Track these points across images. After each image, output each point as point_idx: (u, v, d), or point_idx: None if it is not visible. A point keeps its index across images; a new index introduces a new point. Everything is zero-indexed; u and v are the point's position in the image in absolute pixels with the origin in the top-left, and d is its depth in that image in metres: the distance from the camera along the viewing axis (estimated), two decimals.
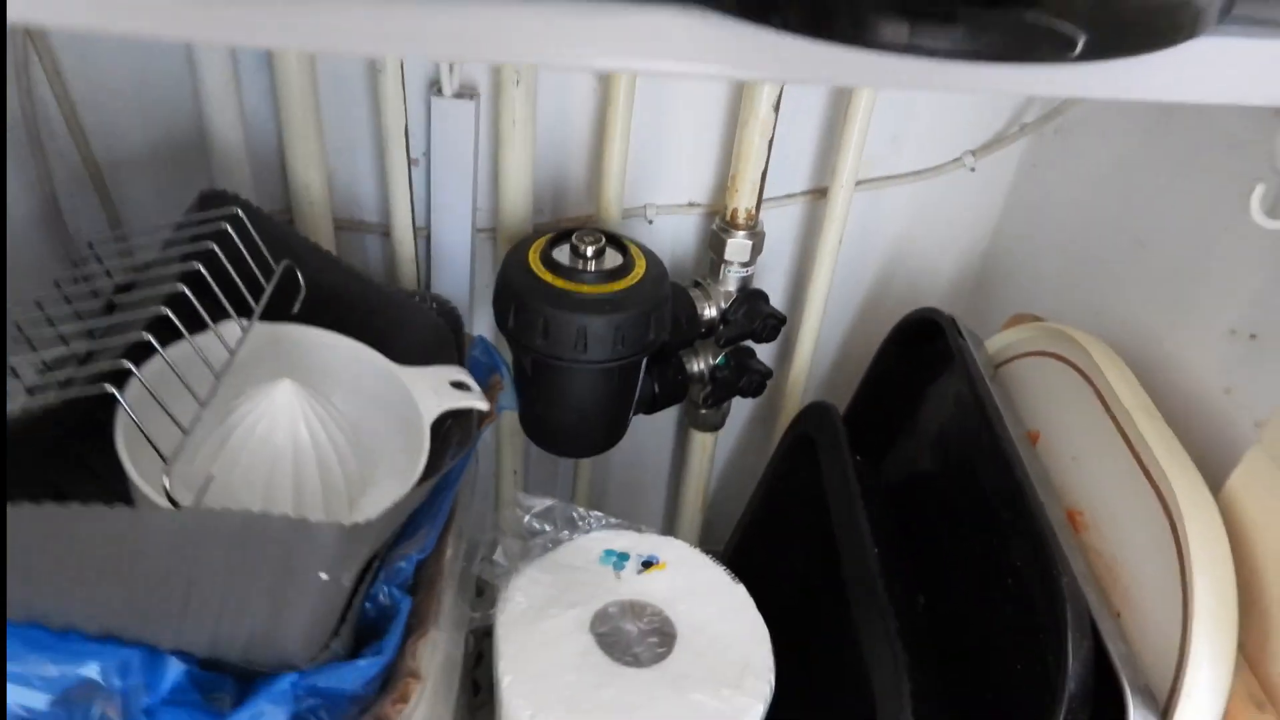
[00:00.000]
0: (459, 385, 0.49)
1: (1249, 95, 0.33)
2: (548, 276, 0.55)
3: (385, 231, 0.67)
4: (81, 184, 0.62)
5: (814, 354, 0.73)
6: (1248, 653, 0.41)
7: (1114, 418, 0.49)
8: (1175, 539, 0.43)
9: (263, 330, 0.47)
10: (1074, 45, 0.26)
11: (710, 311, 0.67)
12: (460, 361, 0.54)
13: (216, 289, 0.44)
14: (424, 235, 0.67)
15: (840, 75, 0.31)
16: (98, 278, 0.47)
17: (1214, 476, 0.44)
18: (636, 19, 0.30)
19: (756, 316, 0.67)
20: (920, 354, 0.63)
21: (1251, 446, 0.43)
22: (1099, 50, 0.27)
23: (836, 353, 0.78)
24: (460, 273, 0.67)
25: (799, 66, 0.30)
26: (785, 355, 0.74)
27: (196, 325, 0.43)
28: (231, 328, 0.46)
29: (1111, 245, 0.60)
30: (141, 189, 0.63)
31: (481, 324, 0.72)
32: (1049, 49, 0.27)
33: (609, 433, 0.64)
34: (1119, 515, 0.47)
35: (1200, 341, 0.50)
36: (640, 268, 0.58)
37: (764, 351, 0.72)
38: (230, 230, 0.47)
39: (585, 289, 0.55)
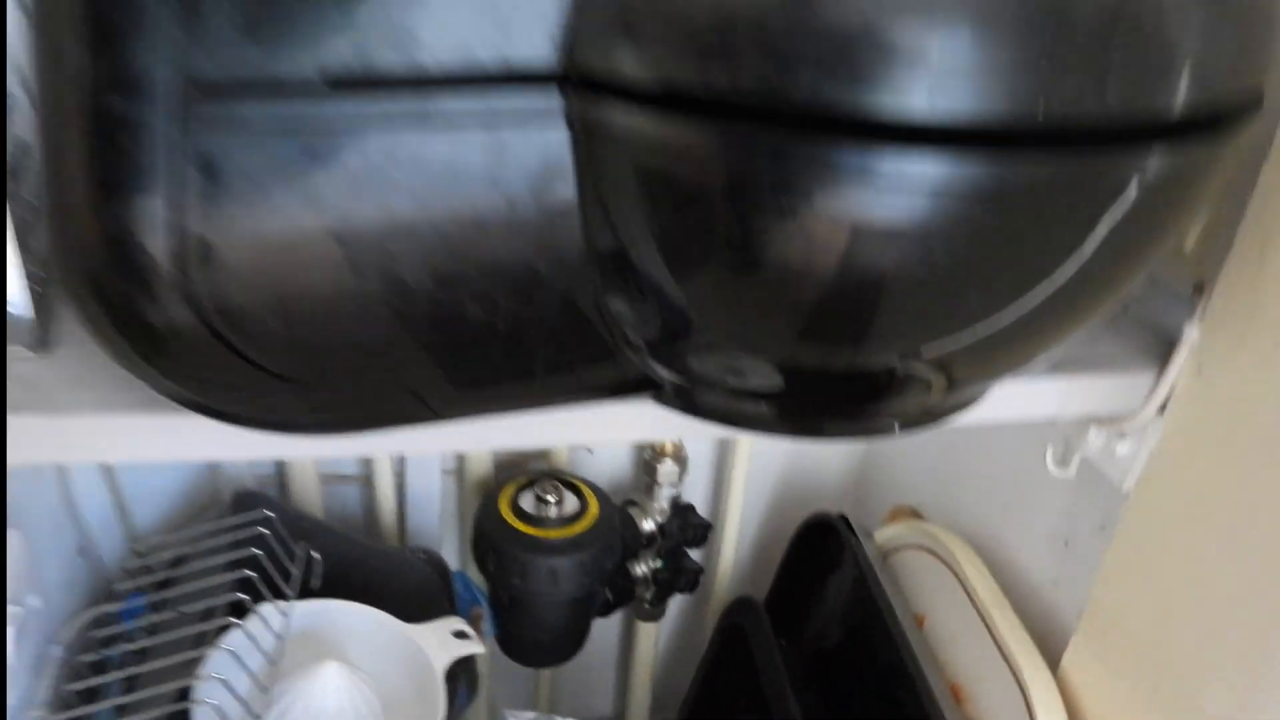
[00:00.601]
0: (460, 635, 0.60)
1: (1023, 415, 0.49)
2: (519, 525, 0.67)
3: (365, 481, 0.77)
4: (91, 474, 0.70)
5: (736, 549, 0.86)
6: None
7: (976, 606, 0.63)
8: (1028, 710, 0.56)
9: (296, 609, 0.57)
10: (895, 430, 0.41)
11: (649, 525, 0.79)
12: (452, 606, 0.65)
13: (261, 585, 0.54)
14: (398, 482, 0.78)
15: (732, 435, 0.45)
16: (147, 590, 0.56)
17: (1053, 654, 0.58)
18: (613, 412, 0.43)
19: (688, 527, 0.80)
20: (822, 548, 0.77)
21: (1075, 633, 0.57)
22: (916, 428, 0.42)
23: (754, 546, 0.92)
24: (431, 513, 0.78)
25: (706, 433, 0.43)
26: (712, 553, 0.87)
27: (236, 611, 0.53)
28: (270, 609, 0.55)
29: (960, 458, 0.76)
30: (147, 471, 0.72)
31: (449, 551, 0.83)
32: (884, 433, 0.41)
33: (575, 643, 0.74)
34: (988, 689, 0.61)
35: (1032, 543, 0.65)
36: (594, 507, 0.70)
37: (694, 550, 0.85)
38: (264, 529, 0.57)
39: (553, 534, 0.67)
